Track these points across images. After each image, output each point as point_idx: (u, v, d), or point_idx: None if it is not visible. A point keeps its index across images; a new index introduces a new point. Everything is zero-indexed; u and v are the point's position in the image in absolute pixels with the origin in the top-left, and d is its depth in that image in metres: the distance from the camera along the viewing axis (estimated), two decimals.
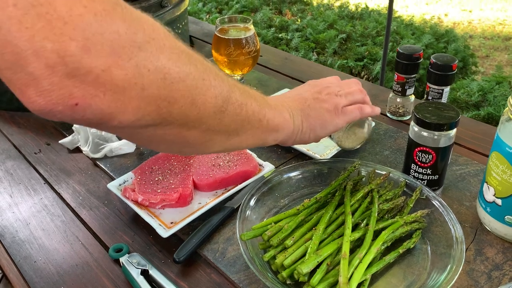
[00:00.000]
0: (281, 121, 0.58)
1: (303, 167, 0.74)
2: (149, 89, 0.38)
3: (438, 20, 4.36)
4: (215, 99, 0.45)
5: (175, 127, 0.43)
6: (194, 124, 0.45)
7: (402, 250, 0.60)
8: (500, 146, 0.60)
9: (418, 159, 0.69)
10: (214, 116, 0.46)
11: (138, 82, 0.37)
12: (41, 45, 0.31)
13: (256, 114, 0.53)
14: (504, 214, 0.62)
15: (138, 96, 0.37)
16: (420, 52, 0.89)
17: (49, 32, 0.31)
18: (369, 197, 0.66)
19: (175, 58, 0.40)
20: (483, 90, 2.63)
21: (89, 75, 0.34)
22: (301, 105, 0.62)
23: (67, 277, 0.62)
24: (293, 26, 3.72)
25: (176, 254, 0.62)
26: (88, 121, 0.37)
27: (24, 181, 0.81)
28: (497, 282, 0.59)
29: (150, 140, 0.45)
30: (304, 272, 0.54)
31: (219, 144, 0.51)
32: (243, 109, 0.50)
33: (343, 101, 0.65)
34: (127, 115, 0.37)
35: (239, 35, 0.96)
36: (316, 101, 0.63)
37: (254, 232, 0.61)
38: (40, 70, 0.32)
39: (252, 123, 0.53)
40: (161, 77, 0.38)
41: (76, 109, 0.35)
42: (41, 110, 0.34)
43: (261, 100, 0.55)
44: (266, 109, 0.55)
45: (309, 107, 0.62)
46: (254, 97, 0.53)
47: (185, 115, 0.42)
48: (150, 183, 0.72)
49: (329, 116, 0.63)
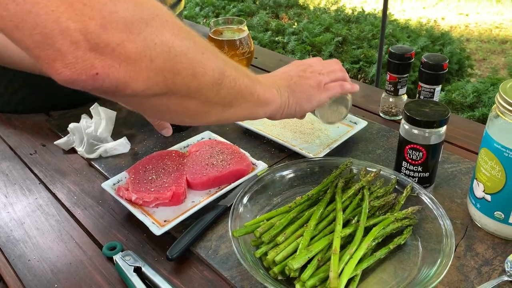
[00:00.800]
0: (271, 95, 0.62)
1: (296, 165, 0.75)
2: (156, 61, 0.42)
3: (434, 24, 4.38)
4: (213, 72, 0.49)
5: (179, 97, 0.48)
6: (195, 95, 0.49)
7: (392, 246, 0.61)
8: (488, 142, 0.61)
9: (409, 157, 0.70)
10: (211, 88, 0.50)
11: (147, 55, 0.41)
12: (66, 25, 0.36)
13: (248, 88, 0.57)
14: (494, 210, 0.63)
15: (148, 67, 0.42)
16: (411, 52, 0.90)
17: (72, 13, 0.36)
18: (360, 194, 0.67)
19: (177, 33, 0.44)
20: (477, 91, 2.65)
21: (107, 48, 0.39)
22: (287, 82, 0.66)
23: (61, 275, 0.62)
24: (289, 29, 3.74)
25: (169, 251, 0.62)
26: (107, 89, 0.41)
27: (19, 182, 0.82)
28: (487, 277, 0.59)
29: (156, 110, 0.50)
30: (295, 268, 0.55)
31: (215, 115, 0.55)
32: (236, 83, 0.54)
33: (325, 79, 0.70)
34: (139, 84, 0.42)
35: (233, 37, 0.97)
36: (301, 79, 0.67)
37: (246, 229, 0.61)
38: (66, 46, 0.37)
39: (245, 96, 0.57)
40: (166, 50, 0.43)
41: (96, 78, 0.39)
42: (67, 80, 0.39)
43: (252, 76, 0.60)
44: (257, 84, 0.59)
45: (295, 83, 0.67)
46: (245, 73, 0.58)
47: (187, 85, 0.47)
48: (143, 182, 0.73)
49: (313, 92, 0.68)
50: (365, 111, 1.01)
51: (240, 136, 0.91)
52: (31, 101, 1.00)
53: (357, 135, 0.89)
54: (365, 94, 1.08)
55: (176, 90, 0.47)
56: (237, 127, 0.93)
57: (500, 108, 0.58)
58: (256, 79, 0.61)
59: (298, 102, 0.66)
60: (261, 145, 0.88)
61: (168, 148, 0.84)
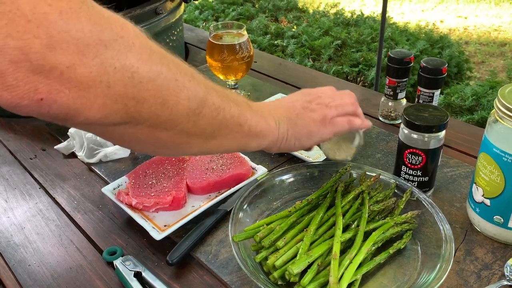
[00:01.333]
0: (265, 127, 0.57)
1: (296, 170, 0.75)
2: (115, 87, 0.38)
3: (433, 27, 4.40)
4: (189, 101, 0.45)
5: (146, 127, 0.43)
6: (166, 126, 0.45)
7: (392, 251, 0.61)
8: (487, 147, 0.61)
9: (408, 161, 0.70)
10: (188, 119, 0.46)
11: (103, 80, 0.37)
12: (4, 42, 0.32)
13: (235, 118, 0.52)
14: (493, 214, 0.63)
15: (104, 94, 0.38)
16: (410, 57, 0.90)
17: (12, 29, 0.32)
18: (360, 199, 0.67)
19: (145, 58, 0.40)
20: (476, 94, 2.65)
21: (54, 71, 0.35)
22: (289, 113, 0.61)
23: (61, 280, 0.63)
24: (288, 33, 3.75)
25: (169, 256, 0.63)
26: (55, 116, 0.37)
27: (20, 186, 0.82)
28: (486, 282, 0.59)
29: (123, 139, 0.46)
30: (295, 273, 0.55)
31: (196, 147, 0.51)
32: (220, 113, 0.49)
33: (332, 112, 0.64)
34: (93, 111, 0.38)
35: (233, 41, 0.97)
36: (305, 111, 0.62)
37: (246, 233, 0.61)
38: (4, 66, 0.33)
39: (231, 127, 0.52)
40: (128, 75, 0.39)
41: (41, 104, 0.35)
42: (8, 104, 0.35)
43: (243, 105, 0.54)
44: (248, 114, 0.54)
45: (297, 116, 0.62)
46: (235, 101, 0.53)
47: (155, 115, 0.42)
48: (144, 187, 0.73)
49: (316, 127, 0.62)
50: (364, 115, 1.01)
51: None
52: None
53: None
54: (364, 98, 1.09)
55: (142, 120, 0.42)
56: None
57: (499, 113, 0.58)
58: (248, 108, 0.55)
59: (297, 136, 0.61)
60: (261, 150, 0.88)
61: None
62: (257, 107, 0.58)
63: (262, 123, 0.56)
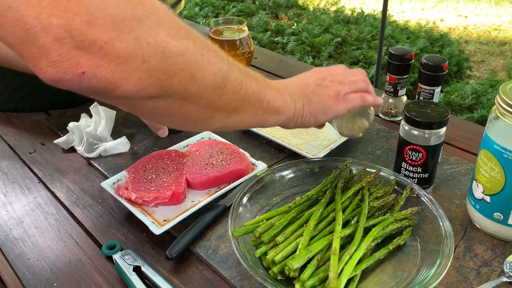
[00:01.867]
0: (283, 103, 0.58)
1: (296, 166, 0.75)
2: (149, 61, 0.40)
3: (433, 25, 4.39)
4: (214, 75, 0.46)
5: (176, 100, 0.45)
6: (194, 99, 0.46)
7: (392, 247, 0.61)
8: (488, 143, 0.61)
9: (409, 158, 0.70)
10: (213, 92, 0.47)
11: (138, 54, 0.39)
12: (48, 21, 0.34)
13: (256, 94, 0.54)
14: (493, 211, 0.63)
15: (139, 68, 0.39)
16: (411, 53, 0.90)
17: (55, 8, 0.34)
18: (359, 195, 0.67)
19: (174, 33, 0.42)
20: (476, 93, 2.65)
21: (94, 46, 0.36)
22: (303, 90, 0.62)
23: (60, 274, 0.62)
24: (289, 30, 3.74)
25: (168, 250, 0.62)
26: (95, 89, 0.39)
27: (19, 180, 0.82)
28: (486, 278, 0.59)
29: (153, 113, 0.47)
30: (295, 268, 0.55)
31: (220, 122, 0.52)
32: (242, 88, 0.51)
33: (346, 89, 0.65)
34: (130, 85, 0.40)
35: (233, 37, 0.97)
36: (319, 87, 0.63)
37: (245, 228, 0.61)
38: (49, 44, 0.35)
39: (252, 102, 0.54)
40: (160, 50, 0.40)
41: (83, 78, 0.37)
42: (52, 79, 0.37)
43: (262, 81, 0.56)
44: (267, 90, 0.56)
45: (312, 92, 0.63)
46: (254, 77, 0.54)
47: (184, 88, 0.44)
48: (143, 182, 0.73)
49: (331, 102, 0.64)
50: None
51: (240, 136, 0.91)
52: (31, 100, 1.00)
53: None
54: None
55: (173, 93, 0.44)
56: None
57: (500, 109, 0.58)
58: (267, 85, 0.57)
59: (313, 112, 0.62)
60: (261, 145, 0.88)
61: (168, 148, 0.84)
62: (273, 84, 0.59)
63: (280, 99, 0.58)
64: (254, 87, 0.53)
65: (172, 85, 0.43)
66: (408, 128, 0.69)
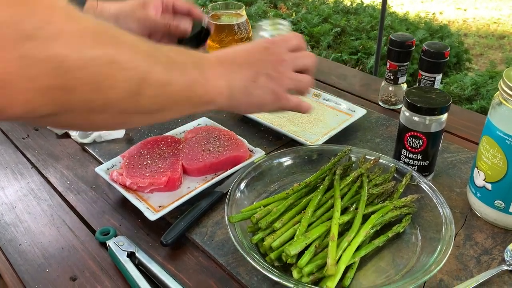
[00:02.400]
0: (216, 96, 0.52)
1: (294, 152, 0.74)
2: (39, 80, 0.34)
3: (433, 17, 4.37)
4: (127, 82, 0.41)
5: (80, 114, 0.40)
6: (103, 109, 0.41)
7: (391, 234, 0.60)
8: (490, 130, 0.60)
9: (409, 145, 0.69)
10: (128, 100, 0.42)
11: (24, 74, 0.33)
12: None
13: (184, 91, 0.48)
14: (494, 199, 0.62)
15: (26, 89, 0.34)
16: (412, 40, 0.89)
17: None
18: (358, 182, 0.65)
19: (75, 43, 0.36)
20: (476, 84, 2.64)
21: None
22: (247, 80, 0.55)
23: (53, 260, 0.61)
24: (287, 19, 3.71)
25: (163, 237, 0.61)
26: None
27: (11, 166, 0.80)
28: (486, 266, 0.58)
29: (59, 125, 0.43)
30: (292, 254, 0.53)
31: (138, 122, 0.49)
32: (166, 89, 0.45)
33: (290, 84, 0.58)
34: (17, 108, 0.35)
35: (231, 21, 0.95)
36: (266, 79, 0.56)
37: (242, 214, 0.60)
38: None
39: (178, 101, 0.48)
40: (53, 66, 0.35)
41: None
42: None
43: (195, 71, 0.49)
44: (199, 84, 0.49)
45: (256, 85, 0.55)
46: (185, 69, 0.48)
47: (88, 101, 0.39)
48: (138, 167, 0.71)
49: (270, 100, 0.57)
50: (364, 99, 1.00)
51: (237, 123, 0.90)
52: None
53: (356, 124, 0.88)
54: (364, 83, 1.07)
55: (74, 108, 0.38)
56: (234, 114, 0.92)
57: (504, 94, 0.57)
58: (201, 73, 0.50)
59: (248, 105, 0.57)
60: (259, 132, 0.87)
61: (164, 134, 0.82)
62: (213, 68, 0.52)
63: (214, 91, 0.52)
64: (181, 83, 0.47)
65: (72, 100, 0.38)
66: (408, 114, 0.67)
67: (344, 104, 0.92)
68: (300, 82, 0.59)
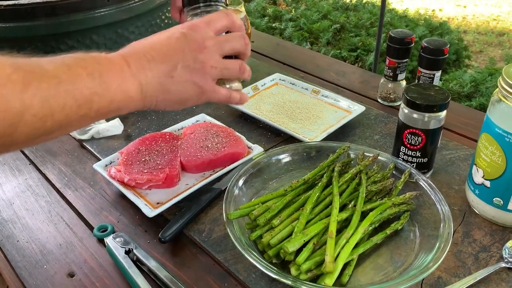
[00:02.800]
0: (123, 100, 0.47)
1: (292, 149, 0.74)
2: None
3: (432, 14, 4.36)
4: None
5: None
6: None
7: (389, 231, 0.60)
8: (489, 127, 0.60)
9: (408, 142, 0.69)
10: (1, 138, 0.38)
11: None
12: None
13: (74, 113, 0.43)
14: (492, 196, 0.62)
15: None
16: (411, 37, 0.88)
17: None
18: (357, 179, 0.65)
19: None
20: (475, 81, 2.64)
21: None
22: (162, 76, 0.49)
23: (51, 256, 0.61)
24: (287, 16, 3.70)
25: (161, 233, 0.61)
26: None
27: (9, 162, 0.80)
28: (484, 264, 0.58)
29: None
30: (290, 251, 0.53)
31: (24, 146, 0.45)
32: (47, 121, 0.41)
33: (217, 74, 0.53)
34: None
35: None
36: (185, 71, 0.50)
37: (241, 211, 0.60)
38: None
39: (72, 122, 0.43)
40: None
41: None
42: None
43: (91, 85, 0.44)
44: (97, 95, 0.44)
45: (173, 79, 0.50)
46: (75, 89, 0.42)
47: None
48: (136, 164, 0.71)
49: (193, 94, 0.52)
50: (363, 96, 1.00)
51: (236, 120, 0.89)
52: None
53: (355, 121, 0.87)
54: (364, 80, 1.07)
55: None
56: (233, 110, 0.92)
57: (503, 92, 0.57)
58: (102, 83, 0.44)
59: (167, 103, 0.52)
60: (257, 129, 0.87)
61: (162, 130, 0.82)
62: (117, 70, 0.46)
63: (119, 98, 0.46)
64: (72, 104, 0.42)
65: None
66: (407, 111, 0.67)
67: (343, 101, 0.91)
68: (227, 69, 0.54)
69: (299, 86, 0.98)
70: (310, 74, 1.09)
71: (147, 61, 0.49)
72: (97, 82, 0.44)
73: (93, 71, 0.44)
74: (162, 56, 0.50)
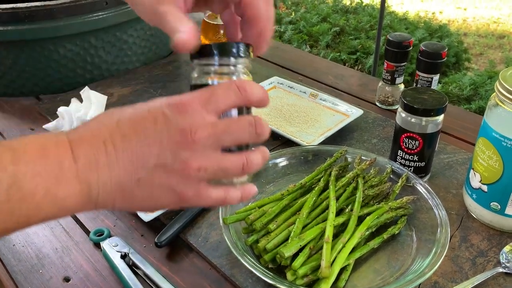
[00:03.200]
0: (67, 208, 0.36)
1: (290, 153, 0.74)
2: None
3: (433, 17, 4.36)
4: None
5: None
6: None
7: (386, 236, 0.60)
8: (486, 131, 0.60)
9: (405, 146, 0.69)
10: None
11: None
12: None
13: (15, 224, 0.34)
14: (490, 201, 0.62)
15: None
16: (410, 40, 0.88)
17: None
18: (354, 183, 0.65)
19: None
20: (475, 84, 2.64)
21: None
22: (127, 176, 0.36)
23: (47, 260, 0.61)
24: (286, 18, 3.71)
25: (157, 238, 0.61)
26: None
27: None
28: (482, 268, 0.58)
29: None
30: (286, 256, 0.53)
31: None
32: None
33: (202, 177, 0.37)
34: None
35: None
36: (159, 172, 0.36)
37: (237, 216, 0.60)
38: None
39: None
40: None
41: None
42: None
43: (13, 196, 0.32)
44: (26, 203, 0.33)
45: (139, 182, 0.36)
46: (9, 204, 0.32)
47: None
48: None
49: (169, 201, 0.38)
50: (361, 100, 1.00)
51: None
52: (20, 84, 0.98)
53: (352, 124, 0.87)
54: (362, 83, 1.07)
55: None
56: None
57: (500, 96, 0.57)
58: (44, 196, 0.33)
59: (132, 208, 0.40)
60: None
61: None
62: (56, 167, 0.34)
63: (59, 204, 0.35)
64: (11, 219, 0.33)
65: None
66: (405, 115, 0.67)
67: (341, 105, 0.91)
68: (223, 171, 0.38)
69: (297, 89, 0.98)
70: (309, 77, 1.09)
71: (105, 153, 0.35)
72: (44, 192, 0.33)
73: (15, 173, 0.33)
74: (128, 146, 0.35)
